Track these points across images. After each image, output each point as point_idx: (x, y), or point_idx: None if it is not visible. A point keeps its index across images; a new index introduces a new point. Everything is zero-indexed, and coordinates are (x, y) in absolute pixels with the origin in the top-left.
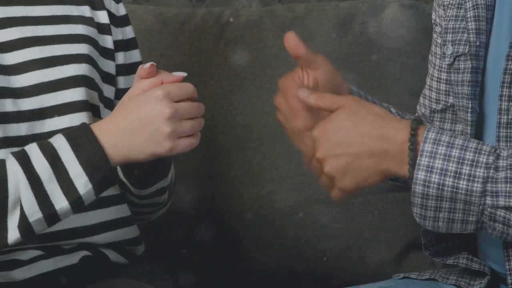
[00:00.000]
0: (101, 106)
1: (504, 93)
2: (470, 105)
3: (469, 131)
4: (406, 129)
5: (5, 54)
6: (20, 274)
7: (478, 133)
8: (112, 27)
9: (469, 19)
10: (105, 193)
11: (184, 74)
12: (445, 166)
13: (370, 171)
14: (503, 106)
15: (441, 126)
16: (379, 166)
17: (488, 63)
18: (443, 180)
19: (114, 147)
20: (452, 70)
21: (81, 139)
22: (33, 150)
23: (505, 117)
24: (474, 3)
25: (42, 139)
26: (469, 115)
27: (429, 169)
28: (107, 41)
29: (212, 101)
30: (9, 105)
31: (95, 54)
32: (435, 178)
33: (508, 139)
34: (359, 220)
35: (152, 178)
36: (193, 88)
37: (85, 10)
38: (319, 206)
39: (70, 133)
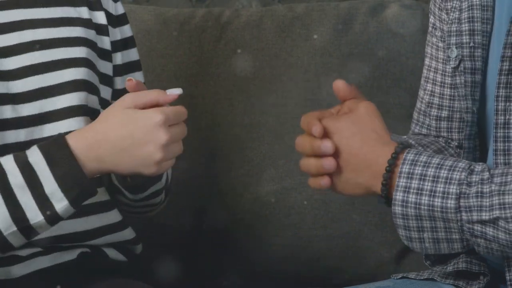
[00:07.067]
0: (101, 110)
1: (500, 93)
2: (466, 105)
3: (467, 131)
4: (390, 151)
5: (5, 59)
6: (18, 270)
7: (483, 135)
8: (110, 28)
9: (463, 21)
10: (102, 199)
11: (179, 91)
12: (420, 186)
13: (350, 183)
14: (499, 107)
15: (449, 137)
16: (360, 180)
17: (489, 64)
18: (419, 199)
19: (100, 161)
20: (457, 73)
21: (57, 154)
22: (8, 164)
23: (502, 117)
24: (469, 3)
25: None
26: (469, 115)
27: (406, 190)
28: (105, 42)
29: (212, 101)
30: (8, 111)
31: (94, 57)
32: (411, 198)
33: (506, 139)
34: (359, 220)
35: (146, 184)
36: (186, 112)
37: (83, 12)
38: (319, 206)
39: (45, 147)
